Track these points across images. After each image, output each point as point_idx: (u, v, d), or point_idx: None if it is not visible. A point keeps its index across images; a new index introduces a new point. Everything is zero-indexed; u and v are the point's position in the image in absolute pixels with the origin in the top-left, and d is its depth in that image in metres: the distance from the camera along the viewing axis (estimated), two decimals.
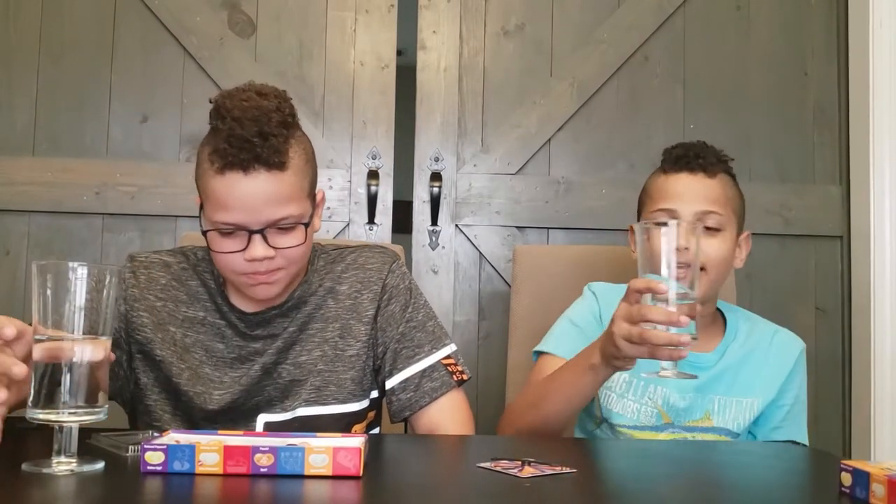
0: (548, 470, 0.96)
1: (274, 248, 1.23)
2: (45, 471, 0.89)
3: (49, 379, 0.90)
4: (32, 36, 2.27)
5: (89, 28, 2.28)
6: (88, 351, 0.91)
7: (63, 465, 0.90)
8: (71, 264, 0.90)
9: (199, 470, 0.89)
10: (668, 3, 2.36)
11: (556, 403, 1.32)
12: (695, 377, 1.16)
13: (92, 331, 0.92)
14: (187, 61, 2.28)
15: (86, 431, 1.09)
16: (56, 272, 0.90)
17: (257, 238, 1.22)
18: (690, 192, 1.42)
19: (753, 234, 2.30)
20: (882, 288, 2.22)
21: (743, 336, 1.51)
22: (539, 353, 1.50)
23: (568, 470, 0.97)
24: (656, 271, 1.12)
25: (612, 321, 1.17)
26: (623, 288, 1.19)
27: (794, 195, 2.35)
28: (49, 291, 0.90)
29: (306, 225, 1.26)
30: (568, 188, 2.32)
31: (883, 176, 2.24)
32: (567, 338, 1.46)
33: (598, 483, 1.03)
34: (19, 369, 0.93)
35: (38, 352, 0.91)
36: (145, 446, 0.90)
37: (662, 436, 1.45)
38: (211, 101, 1.24)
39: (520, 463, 0.98)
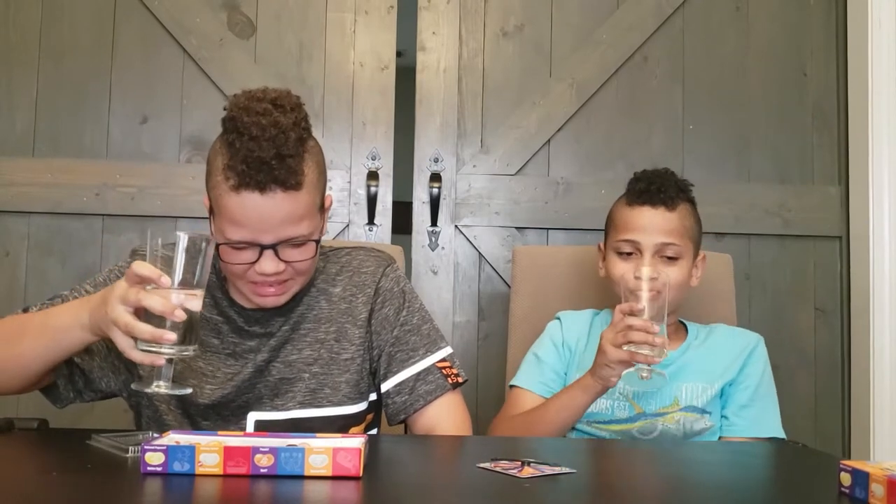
0: (547, 470, 0.96)
1: (284, 261, 1.24)
2: (147, 390, 1.09)
3: (155, 320, 1.06)
4: (32, 36, 2.27)
5: (89, 28, 2.28)
6: (183, 299, 1.07)
7: (162, 389, 1.08)
8: (179, 233, 1.07)
9: (199, 471, 0.89)
10: (667, 4, 2.36)
11: (547, 424, 1.46)
12: (664, 374, 1.39)
13: (186, 284, 1.07)
14: (187, 62, 2.28)
15: (86, 432, 1.10)
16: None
17: (269, 253, 1.22)
18: (652, 225, 1.57)
19: (753, 234, 2.36)
20: (881, 288, 2.23)
21: (703, 337, 1.65)
22: (512, 386, 1.65)
23: (568, 470, 0.97)
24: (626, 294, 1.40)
25: (601, 338, 1.39)
26: (586, 314, 1.67)
27: (793, 196, 2.36)
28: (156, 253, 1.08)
29: (317, 241, 1.27)
30: (567, 189, 2.32)
31: (882, 176, 2.24)
32: (534, 371, 1.63)
33: (598, 483, 1.03)
34: (169, 336, 1.05)
35: (153, 299, 1.06)
36: (145, 447, 0.90)
37: (636, 425, 1.56)
38: (225, 109, 1.22)
39: (519, 463, 0.98)
